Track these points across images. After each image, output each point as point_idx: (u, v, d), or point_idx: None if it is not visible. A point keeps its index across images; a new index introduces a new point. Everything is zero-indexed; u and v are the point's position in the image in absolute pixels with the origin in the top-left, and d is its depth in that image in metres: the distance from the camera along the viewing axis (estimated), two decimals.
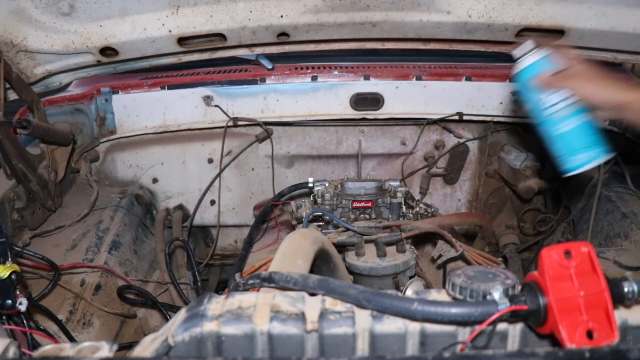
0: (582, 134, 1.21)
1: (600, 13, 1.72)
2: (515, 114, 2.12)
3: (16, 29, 1.61)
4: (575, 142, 1.22)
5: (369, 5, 1.72)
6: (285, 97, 2.10)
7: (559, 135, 1.23)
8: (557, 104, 1.21)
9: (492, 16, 1.75)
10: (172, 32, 1.74)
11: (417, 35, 1.88)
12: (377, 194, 1.80)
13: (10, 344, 0.68)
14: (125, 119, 2.11)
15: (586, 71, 1.19)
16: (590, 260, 0.69)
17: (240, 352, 0.72)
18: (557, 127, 1.22)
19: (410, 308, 0.70)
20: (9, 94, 1.71)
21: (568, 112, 1.20)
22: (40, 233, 1.70)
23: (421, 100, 2.11)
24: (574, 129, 1.21)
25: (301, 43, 1.93)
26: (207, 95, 2.09)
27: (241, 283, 0.95)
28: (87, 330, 1.44)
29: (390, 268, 1.46)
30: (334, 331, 0.72)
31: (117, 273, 1.63)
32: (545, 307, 0.67)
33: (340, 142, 2.25)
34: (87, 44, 1.72)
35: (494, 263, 1.53)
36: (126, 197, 2.01)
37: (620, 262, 1.60)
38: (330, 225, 1.76)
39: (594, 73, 1.18)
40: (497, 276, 0.73)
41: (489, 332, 0.69)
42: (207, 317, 0.73)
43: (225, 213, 2.28)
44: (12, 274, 1.07)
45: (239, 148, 2.19)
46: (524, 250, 2.22)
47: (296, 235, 1.21)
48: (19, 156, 1.61)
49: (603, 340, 0.65)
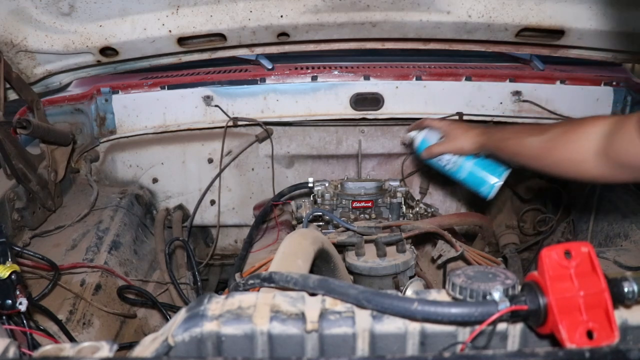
0: (477, 171, 1.59)
1: (600, 13, 1.72)
2: (515, 114, 2.12)
3: (16, 29, 1.61)
4: (476, 178, 1.60)
5: (369, 5, 1.72)
6: (285, 97, 2.10)
7: (464, 179, 1.62)
8: (449, 162, 1.62)
9: (492, 16, 1.75)
10: (172, 32, 1.74)
11: (417, 35, 1.88)
12: (377, 194, 1.80)
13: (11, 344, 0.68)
14: (125, 119, 2.11)
15: (451, 133, 1.58)
16: (590, 260, 0.69)
17: (240, 352, 0.72)
18: (459, 174, 1.62)
19: (410, 308, 0.70)
20: (9, 94, 1.71)
21: (458, 163, 1.60)
22: (40, 233, 1.70)
23: (421, 100, 2.11)
24: (470, 171, 1.60)
25: (301, 43, 1.93)
26: (207, 95, 2.09)
27: (241, 283, 0.95)
28: (87, 330, 1.44)
29: (390, 268, 1.46)
30: (334, 331, 0.72)
31: (117, 273, 1.63)
32: (545, 307, 0.67)
33: (340, 142, 2.25)
34: (87, 44, 1.72)
35: (494, 263, 1.53)
36: (126, 197, 2.01)
37: (620, 262, 1.60)
38: (330, 225, 1.76)
39: (456, 132, 1.58)
40: (497, 276, 0.73)
41: (489, 332, 0.69)
42: (207, 317, 0.73)
43: (225, 213, 2.28)
44: (12, 274, 1.07)
45: (239, 148, 2.19)
46: (524, 250, 2.22)
47: (296, 235, 1.21)
48: (19, 156, 1.61)
49: (603, 340, 0.65)
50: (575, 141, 1.26)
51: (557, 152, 1.29)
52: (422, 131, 1.68)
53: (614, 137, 1.18)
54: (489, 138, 1.50)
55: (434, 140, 1.64)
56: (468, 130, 1.55)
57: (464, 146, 1.56)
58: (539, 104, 2.09)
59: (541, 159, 1.34)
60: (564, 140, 1.28)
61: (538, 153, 1.34)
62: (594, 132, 1.23)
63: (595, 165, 1.22)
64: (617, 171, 1.20)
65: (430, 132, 1.66)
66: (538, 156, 1.35)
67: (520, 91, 2.09)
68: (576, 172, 1.28)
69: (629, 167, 1.17)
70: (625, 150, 1.15)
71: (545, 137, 1.32)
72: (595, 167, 1.22)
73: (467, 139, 1.54)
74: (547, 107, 2.09)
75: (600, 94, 2.10)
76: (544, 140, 1.32)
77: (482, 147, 1.53)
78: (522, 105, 2.11)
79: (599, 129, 1.22)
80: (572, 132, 1.28)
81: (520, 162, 1.42)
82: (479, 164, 1.59)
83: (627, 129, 1.14)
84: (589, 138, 1.23)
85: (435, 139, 1.64)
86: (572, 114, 2.08)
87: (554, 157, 1.31)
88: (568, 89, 2.10)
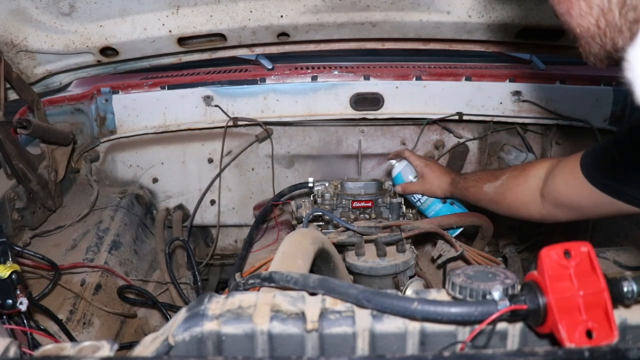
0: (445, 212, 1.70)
1: None
2: (515, 114, 2.13)
3: (16, 29, 1.61)
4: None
5: (369, 5, 1.72)
6: (285, 97, 2.10)
7: (431, 216, 1.74)
8: (419, 200, 1.75)
9: (492, 16, 1.76)
10: (172, 32, 1.74)
11: (417, 35, 1.88)
12: (377, 194, 1.80)
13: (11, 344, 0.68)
14: (125, 118, 2.11)
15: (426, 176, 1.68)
16: (590, 260, 0.69)
17: (240, 351, 0.72)
18: (429, 211, 1.75)
19: (410, 307, 0.70)
20: (9, 94, 1.71)
21: (427, 204, 1.74)
22: (41, 233, 1.70)
23: (421, 100, 2.11)
24: (438, 211, 1.72)
25: (301, 43, 1.94)
26: (207, 95, 2.09)
27: (241, 283, 0.95)
28: (87, 330, 1.44)
29: (390, 268, 1.46)
30: (334, 331, 0.72)
31: (117, 273, 1.63)
32: (545, 307, 0.67)
33: (340, 142, 2.26)
34: (87, 44, 1.73)
35: (493, 263, 1.53)
36: (126, 197, 2.01)
37: (620, 261, 1.60)
38: (330, 225, 1.76)
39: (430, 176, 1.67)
40: (496, 276, 0.73)
41: (488, 331, 0.69)
42: (207, 317, 0.73)
43: (225, 213, 2.28)
44: (13, 273, 1.07)
45: (239, 148, 2.19)
46: (524, 250, 2.22)
47: (296, 235, 1.21)
48: (19, 156, 1.61)
49: (602, 339, 0.65)
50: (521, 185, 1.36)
51: (508, 196, 1.40)
52: (401, 163, 1.78)
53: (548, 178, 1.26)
54: (456, 187, 1.60)
55: (409, 176, 1.75)
56: (440, 176, 1.66)
57: (435, 192, 1.68)
58: (539, 104, 2.09)
59: (497, 203, 1.46)
60: (513, 184, 1.39)
61: (494, 198, 1.45)
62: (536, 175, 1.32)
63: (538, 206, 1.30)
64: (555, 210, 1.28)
65: (407, 167, 1.76)
66: (494, 201, 1.46)
67: (520, 91, 2.09)
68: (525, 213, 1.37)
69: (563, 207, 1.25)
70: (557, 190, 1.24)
71: (498, 183, 1.44)
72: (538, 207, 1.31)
73: (439, 187, 1.66)
74: (547, 107, 2.09)
75: (600, 94, 2.10)
76: (496, 186, 1.44)
77: (451, 195, 1.65)
78: (522, 105, 2.11)
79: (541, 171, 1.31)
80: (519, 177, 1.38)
81: (483, 207, 1.54)
82: (445, 209, 1.72)
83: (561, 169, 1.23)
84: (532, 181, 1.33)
85: (411, 176, 1.75)
86: (572, 114, 2.08)
87: (507, 201, 1.41)
88: (568, 89, 2.10)
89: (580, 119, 2.07)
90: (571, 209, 1.25)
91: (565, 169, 1.22)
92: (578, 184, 1.16)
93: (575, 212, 1.25)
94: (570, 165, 1.19)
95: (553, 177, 1.26)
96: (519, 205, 1.38)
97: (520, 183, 1.37)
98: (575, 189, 1.18)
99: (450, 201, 1.72)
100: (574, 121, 2.07)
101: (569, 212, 1.26)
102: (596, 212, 1.21)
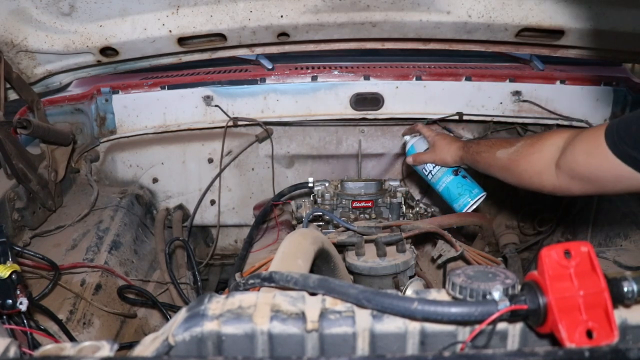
0: (453, 187, 1.66)
1: (600, 13, 1.72)
2: (515, 114, 2.13)
3: (16, 29, 1.61)
4: (452, 194, 1.67)
5: (369, 5, 1.72)
6: (285, 97, 2.10)
7: (441, 191, 1.69)
8: (431, 172, 1.69)
9: (492, 16, 1.76)
10: (172, 32, 1.74)
11: (417, 35, 1.88)
12: (377, 194, 1.80)
13: (11, 344, 0.68)
14: (125, 118, 2.11)
15: (437, 144, 1.65)
16: (590, 260, 0.69)
17: (240, 351, 0.72)
18: (438, 186, 1.69)
19: (410, 307, 0.70)
20: (9, 94, 1.72)
21: (438, 176, 1.68)
22: (41, 233, 1.70)
23: (421, 100, 2.11)
24: (447, 186, 1.67)
25: (301, 43, 1.94)
26: (207, 95, 2.09)
27: (241, 283, 0.95)
28: (87, 330, 1.44)
29: (390, 268, 1.46)
30: (334, 331, 0.72)
31: (117, 273, 1.63)
32: (545, 307, 0.67)
33: (340, 142, 2.26)
34: (87, 44, 1.72)
35: (494, 263, 1.53)
36: (126, 197, 2.01)
37: (620, 261, 1.60)
38: (330, 225, 1.76)
39: (441, 143, 1.64)
40: (497, 276, 0.73)
41: (488, 331, 0.69)
42: (207, 317, 0.73)
43: (225, 213, 2.28)
44: (13, 273, 1.07)
45: (239, 148, 2.19)
46: (524, 250, 2.22)
47: (296, 235, 1.21)
48: (19, 156, 1.61)
49: (602, 339, 0.65)
50: (536, 153, 1.32)
51: (521, 164, 1.34)
52: (414, 137, 1.77)
53: (567, 148, 1.22)
54: (467, 152, 1.56)
55: (421, 148, 1.72)
56: (451, 143, 1.63)
57: (446, 159, 1.64)
58: (539, 104, 2.09)
59: (508, 170, 1.40)
60: (528, 152, 1.34)
61: (505, 165, 1.40)
62: (553, 144, 1.27)
63: (552, 177, 1.26)
64: (570, 183, 1.23)
65: (420, 140, 1.74)
66: (506, 168, 1.40)
67: (520, 91, 2.09)
68: (537, 183, 1.32)
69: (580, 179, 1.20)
70: (575, 161, 1.19)
71: (512, 149, 1.38)
72: (551, 178, 1.26)
73: (449, 153, 1.62)
74: (547, 107, 2.09)
75: (600, 93, 2.10)
76: (510, 152, 1.39)
77: (461, 160, 1.60)
78: (522, 105, 2.11)
79: (558, 140, 1.27)
80: (535, 144, 1.33)
81: (493, 174, 1.48)
82: (456, 181, 1.67)
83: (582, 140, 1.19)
84: (548, 150, 1.28)
85: (423, 147, 1.72)
86: (572, 114, 2.08)
87: (519, 169, 1.35)
88: (568, 89, 2.10)
89: (580, 119, 2.07)
90: (588, 182, 1.19)
91: (587, 139, 1.16)
92: (600, 155, 1.11)
93: (592, 186, 1.19)
94: (594, 135, 1.14)
95: (573, 147, 1.20)
96: (531, 174, 1.32)
97: (535, 151, 1.32)
98: (596, 160, 1.12)
99: (462, 174, 1.67)
100: (574, 121, 2.08)
101: (585, 185, 1.20)
102: (616, 186, 1.15)
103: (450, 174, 1.67)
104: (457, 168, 1.67)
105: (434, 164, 1.68)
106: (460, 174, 1.67)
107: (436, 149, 1.66)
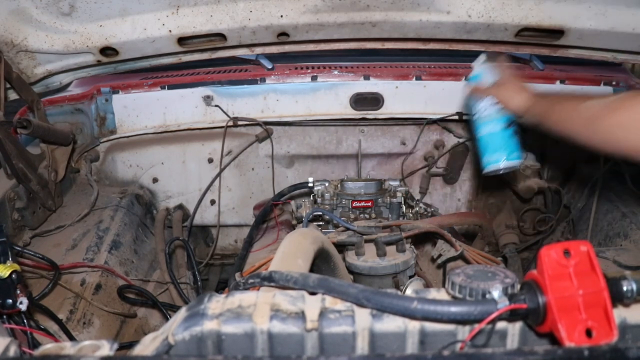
0: (494, 139, 1.46)
1: (600, 13, 1.72)
2: None
3: (16, 29, 1.61)
4: (488, 145, 1.48)
5: (369, 5, 1.72)
6: (285, 97, 2.10)
7: (479, 137, 1.50)
8: (481, 111, 1.48)
9: (492, 16, 1.76)
10: (172, 32, 1.74)
11: (417, 35, 1.88)
12: (377, 194, 1.80)
13: (11, 343, 0.68)
14: (125, 118, 2.11)
15: (508, 82, 1.43)
16: (589, 260, 0.69)
17: (240, 350, 0.72)
18: (480, 130, 1.49)
19: (410, 307, 0.70)
20: (9, 94, 1.72)
21: (486, 119, 1.47)
22: (41, 233, 1.70)
23: (421, 100, 2.11)
24: (489, 134, 1.47)
25: (301, 43, 1.94)
26: (207, 95, 2.09)
27: (241, 282, 0.95)
28: (87, 330, 1.44)
29: (390, 268, 1.46)
30: (334, 330, 0.72)
31: (117, 273, 1.63)
32: (545, 306, 0.67)
33: (340, 142, 2.26)
34: (87, 44, 1.73)
35: (493, 262, 1.53)
36: (126, 196, 2.02)
37: (620, 261, 1.60)
38: (330, 225, 1.76)
39: (513, 85, 1.42)
40: (496, 275, 0.73)
41: (488, 330, 0.69)
42: (207, 316, 0.73)
43: (225, 213, 2.28)
44: (13, 273, 1.07)
45: (239, 148, 2.19)
46: (523, 250, 2.22)
47: (296, 234, 1.21)
48: (19, 156, 1.61)
49: (602, 338, 0.65)
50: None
51: (618, 114, 1.09)
52: (485, 64, 1.53)
53: None
54: (538, 102, 1.34)
55: (488, 79, 1.49)
56: (523, 89, 1.40)
57: (510, 102, 1.41)
58: None
59: (599, 121, 1.13)
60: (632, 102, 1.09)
61: (596, 114, 1.13)
62: None
63: None
64: None
65: (489, 69, 1.51)
66: (595, 118, 1.13)
67: None
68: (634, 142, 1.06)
69: None
70: None
71: (608, 100, 1.15)
72: None
73: (518, 97, 1.39)
74: None
75: (600, 94, 2.10)
76: (605, 102, 1.15)
77: (526, 111, 1.37)
78: None
79: None
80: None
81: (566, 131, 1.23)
82: (503, 133, 1.46)
83: None
84: None
85: (489, 80, 1.49)
86: None
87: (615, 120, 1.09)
88: (568, 88, 2.10)
89: None
90: None
91: None
92: None
93: None
94: None
95: None
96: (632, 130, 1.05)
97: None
98: None
99: (513, 129, 1.46)
100: None
101: None
102: None
103: (501, 122, 1.46)
104: (512, 121, 1.47)
105: (494, 102, 1.46)
106: (512, 129, 1.46)
107: (504, 87, 1.43)
